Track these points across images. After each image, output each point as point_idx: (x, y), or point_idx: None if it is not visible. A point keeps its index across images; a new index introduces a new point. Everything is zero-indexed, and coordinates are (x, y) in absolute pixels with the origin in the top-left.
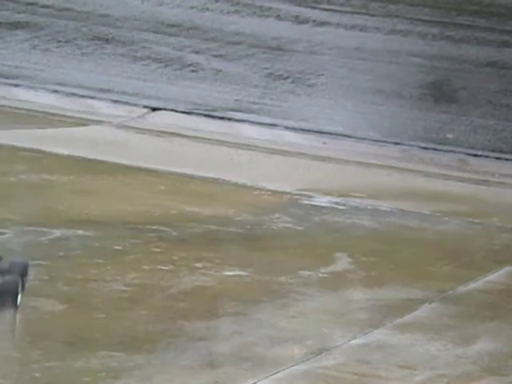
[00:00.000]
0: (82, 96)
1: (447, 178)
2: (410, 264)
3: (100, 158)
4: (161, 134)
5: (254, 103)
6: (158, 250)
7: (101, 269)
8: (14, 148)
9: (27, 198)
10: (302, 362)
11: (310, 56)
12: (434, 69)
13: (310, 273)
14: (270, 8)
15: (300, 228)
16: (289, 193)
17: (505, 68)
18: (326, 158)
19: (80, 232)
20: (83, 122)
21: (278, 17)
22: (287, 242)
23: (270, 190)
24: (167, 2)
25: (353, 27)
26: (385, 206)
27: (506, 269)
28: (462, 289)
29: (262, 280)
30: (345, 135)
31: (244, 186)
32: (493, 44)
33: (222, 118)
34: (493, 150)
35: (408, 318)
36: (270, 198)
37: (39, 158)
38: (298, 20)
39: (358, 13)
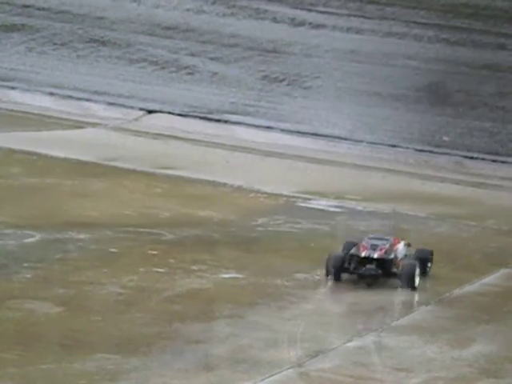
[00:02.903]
0: (78, 98)
1: (443, 180)
2: None
3: (96, 160)
4: (157, 136)
5: (250, 106)
6: (154, 252)
7: (97, 271)
8: (10, 150)
9: (23, 201)
10: (298, 364)
11: (306, 58)
12: (430, 71)
13: (306, 275)
14: (266, 10)
15: (296, 231)
16: (285, 195)
17: (500, 70)
18: (322, 161)
19: (76, 235)
20: (79, 125)
21: (275, 19)
22: (283, 244)
23: (265, 193)
24: (163, 5)
25: (349, 30)
26: (381, 208)
27: (502, 271)
28: (458, 291)
29: (257, 283)
30: (341, 138)
31: (240, 189)
32: (489, 47)
33: (218, 121)
34: (489, 153)
35: (404, 320)
36: (266, 201)
37: (35, 161)
38: (294, 23)
39: (354, 15)
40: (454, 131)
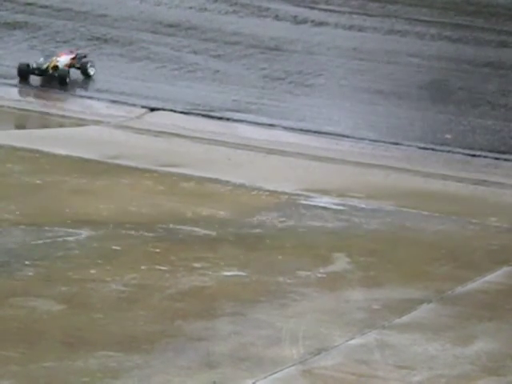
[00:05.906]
0: (81, 96)
1: (445, 178)
2: (409, 264)
3: (98, 158)
4: (159, 134)
5: (253, 103)
6: (157, 250)
7: (99, 269)
8: (13, 148)
9: (25, 198)
10: (300, 362)
11: (309, 56)
12: (433, 69)
13: (308, 273)
14: (268, 8)
15: (298, 228)
16: (287, 193)
17: (503, 68)
18: (325, 159)
19: (78, 232)
20: (81, 123)
21: (277, 17)
22: (285, 242)
23: (268, 190)
24: (165, 2)
25: (351, 27)
26: (383, 206)
27: (504, 269)
28: (460, 289)
29: (260, 280)
30: (343, 135)
31: (242, 186)
32: (491, 44)
33: (220, 118)
34: (491, 151)
35: (406, 318)
36: (269, 199)
37: (37, 158)
38: (297, 20)
39: (357, 13)
40: (456, 129)
